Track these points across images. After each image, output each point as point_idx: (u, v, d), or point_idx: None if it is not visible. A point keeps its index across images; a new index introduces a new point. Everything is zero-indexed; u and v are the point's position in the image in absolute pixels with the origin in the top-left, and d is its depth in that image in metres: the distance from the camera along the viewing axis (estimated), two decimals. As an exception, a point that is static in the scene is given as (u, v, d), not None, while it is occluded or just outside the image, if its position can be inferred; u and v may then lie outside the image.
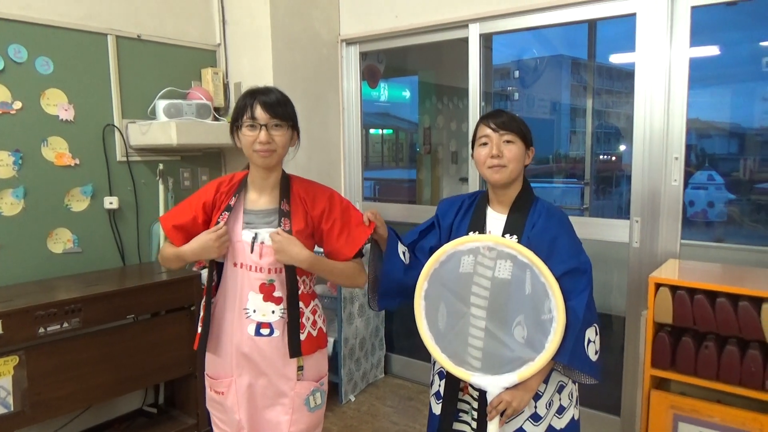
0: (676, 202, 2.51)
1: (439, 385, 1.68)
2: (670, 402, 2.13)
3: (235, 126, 1.67)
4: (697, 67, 2.48)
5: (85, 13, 2.73)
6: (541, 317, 1.47)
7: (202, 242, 1.65)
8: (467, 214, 1.68)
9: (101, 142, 2.80)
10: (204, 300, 1.74)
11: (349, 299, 3.23)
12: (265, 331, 1.68)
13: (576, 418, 1.66)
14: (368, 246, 1.76)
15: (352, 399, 3.30)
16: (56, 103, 2.63)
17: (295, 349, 1.68)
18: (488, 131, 1.59)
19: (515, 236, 1.56)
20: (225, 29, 3.31)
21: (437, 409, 1.68)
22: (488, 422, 1.52)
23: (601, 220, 2.81)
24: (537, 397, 1.57)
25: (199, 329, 1.75)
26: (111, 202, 2.83)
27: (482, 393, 1.55)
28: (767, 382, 1.93)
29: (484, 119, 1.62)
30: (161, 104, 2.86)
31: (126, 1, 2.89)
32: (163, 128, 2.78)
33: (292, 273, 1.68)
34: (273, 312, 1.68)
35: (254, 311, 1.68)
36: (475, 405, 1.61)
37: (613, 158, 5.48)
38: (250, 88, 1.69)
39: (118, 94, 2.86)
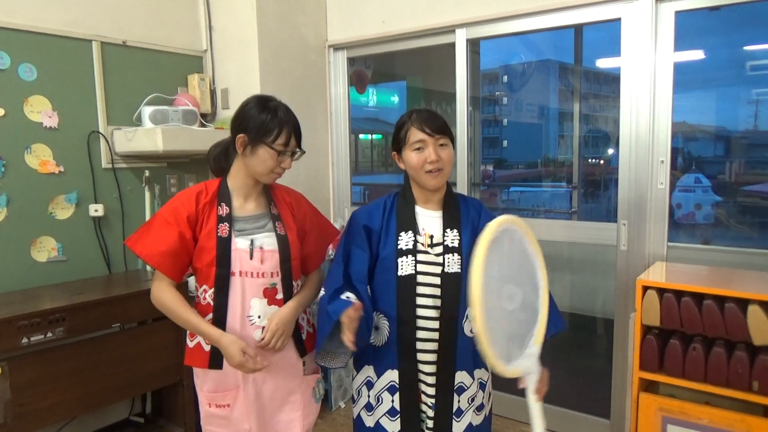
0: (663, 205, 2.53)
1: (392, 401, 1.62)
2: (659, 404, 2.13)
3: (254, 138, 1.59)
4: (681, 71, 2.50)
5: (69, 19, 2.71)
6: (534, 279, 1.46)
7: (237, 361, 1.55)
8: (392, 217, 1.65)
9: (86, 149, 2.78)
10: (212, 316, 1.63)
11: (338, 305, 3.20)
12: None
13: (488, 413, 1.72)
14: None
15: (342, 406, 3.28)
16: (40, 110, 2.61)
17: (301, 349, 1.76)
18: (423, 136, 1.57)
19: (455, 230, 1.61)
20: (211, 35, 3.30)
21: (393, 426, 1.62)
22: (534, 404, 1.38)
23: (589, 223, 2.82)
24: (461, 390, 1.59)
25: (206, 347, 1.66)
26: (96, 210, 2.79)
27: (441, 391, 1.56)
28: (754, 383, 1.94)
29: (417, 123, 1.58)
30: (147, 110, 2.84)
31: (111, 8, 2.87)
32: (148, 135, 2.76)
33: (289, 278, 1.71)
34: None
35: (259, 317, 1.66)
36: (431, 414, 1.60)
37: (601, 162, 5.52)
38: (269, 99, 1.64)
39: (103, 100, 2.83)
